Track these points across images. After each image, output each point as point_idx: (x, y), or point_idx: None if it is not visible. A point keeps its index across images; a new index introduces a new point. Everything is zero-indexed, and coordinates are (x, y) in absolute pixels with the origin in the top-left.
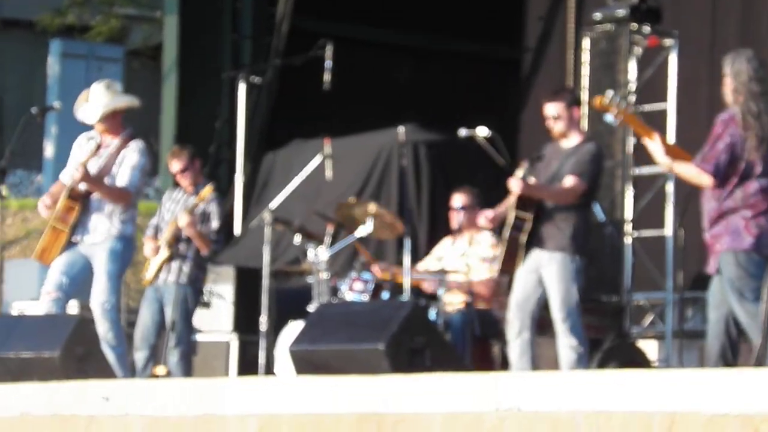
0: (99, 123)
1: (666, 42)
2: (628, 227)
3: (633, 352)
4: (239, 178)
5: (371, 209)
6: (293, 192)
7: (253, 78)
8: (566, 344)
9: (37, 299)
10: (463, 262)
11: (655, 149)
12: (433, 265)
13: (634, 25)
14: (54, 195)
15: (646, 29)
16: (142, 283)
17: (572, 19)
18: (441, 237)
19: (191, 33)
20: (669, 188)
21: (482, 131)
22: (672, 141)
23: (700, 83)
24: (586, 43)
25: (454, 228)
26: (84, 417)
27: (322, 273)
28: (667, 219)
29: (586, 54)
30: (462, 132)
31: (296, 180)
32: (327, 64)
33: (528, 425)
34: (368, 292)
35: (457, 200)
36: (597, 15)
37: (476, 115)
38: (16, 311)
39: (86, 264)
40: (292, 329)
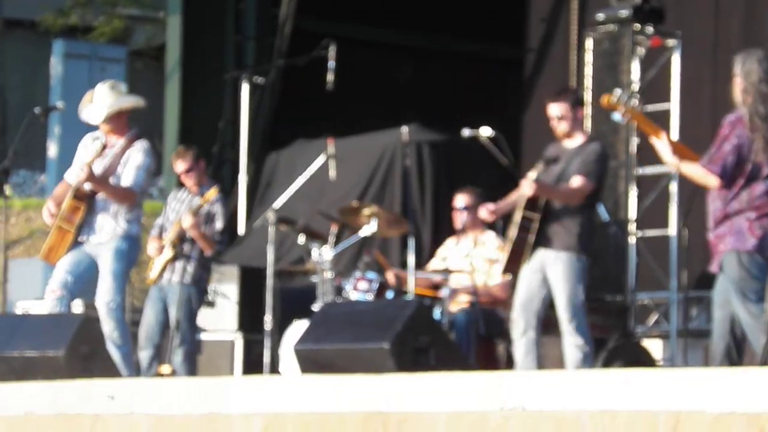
0: (104, 123)
1: (669, 42)
2: (632, 227)
3: (638, 352)
4: (242, 179)
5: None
6: (297, 192)
7: (256, 78)
8: (572, 343)
9: (42, 299)
10: (467, 263)
11: (663, 148)
12: (437, 266)
13: (637, 26)
14: (58, 198)
15: (649, 30)
16: (147, 283)
17: (575, 20)
18: (444, 237)
19: (194, 33)
20: (673, 188)
21: (485, 131)
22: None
23: (703, 83)
24: (589, 44)
25: (458, 228)
26: (89, 416)
27: (327, 272)
28: (671, 219)
29: (589, 54)
30: (465, 132)
31: (300, 180)
32: (330, 65)
33: (532, 424)
34: (373, 292)
35: (460, 200)
36: (600, 15)
37: (478, 115)
38: (21, 310)
39: (92, 263)
40: (297, 328)
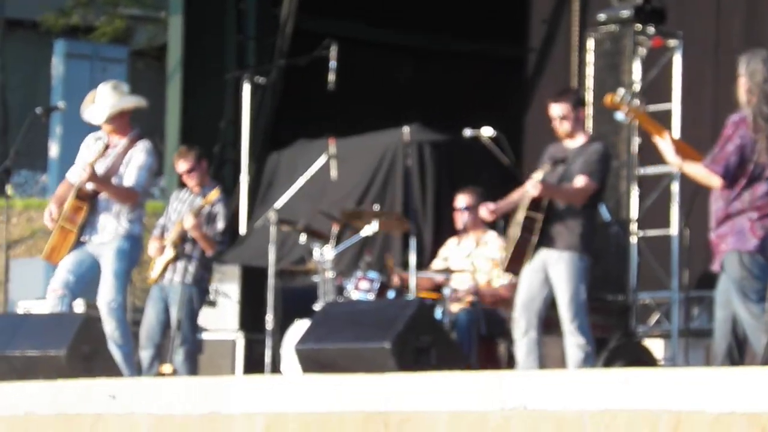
0: (106, 123)
1: (670, 43)
2: (634, 227)
3: (639, 351)
4: (244, 179)
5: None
6: (298, 192)
7: (258, 78)
8: (574, 343)
9: (43, 298)
10: (469, 263)
11: (665, 148)
12: (439, 266)
13: (639, 26)
14: (60, 198)
15: (651, 30)
16: (148, 282)
17: (576, 21)
18: (446, 237)
19: (195, 33)
20: (674, 188)
21: (487, 131)
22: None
23: (705, 84)
24: (591, 44)
25: (459, 228)
26: (90, 416)
27: (328, 272)
28: (673, 218)
29: (591, 55)
30: (467, 132)
31: (301, 180)
32: (331, 65)
33: (533, 424)
34: (374, 291)
35: (462, 201)
36: (601, 16)
37: (479, 115)
38: (22, 310)
39: (94, 263)
40: (298, 328)
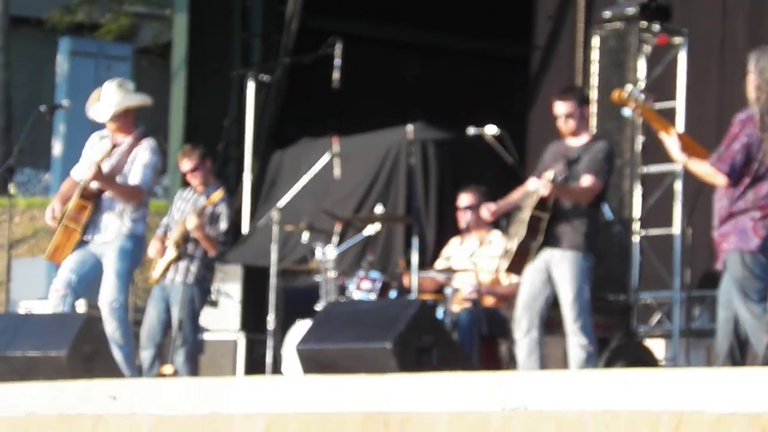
0: (111, 122)
1: (675, 40)
2: (636, 226)
3: (640, 351)
4: (247, 177)
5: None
6: (301, 190)
7: (262, 76)
8: (576, 343)
9: (45, 298)
10: (472, 262)
11: (672, 145)
12: (441, 266)
13: (644, 23)
14: (63, 196)
15: (656, 27)
16: (149, 282)
17: (581, 18)
18: (449, 235)
19: (200, 31)
20: (677, 187)
21: (491, 129)
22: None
23: (710, 81)
24: (596, 42)
25: (462, 227)
26: (91, 416)
27: (330, 272)
28: (675, 218)
29: (596, 52)
30: (470, 130)
31: (305, 178)
32: (336, 62)
33: (534, 424)
34: (376, 291)
35: (464, 200)
36: (606, 13)
37: (483, 113)
38: (24, 310)
39: (96, 262)
40: (300, 328)
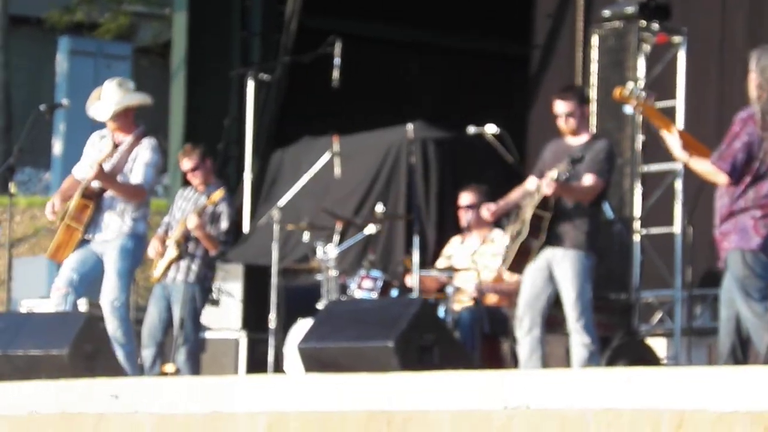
0: (111, 121)
1: (675, 39)
2: (637, 225)
3: (642, 350)
4: (248, 176)
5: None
6: (302, 189)
7: (262, 75)
8: (579, 342)
9: (46, 297)
10: (473, 261)
11: (673, 143)
12: (442, 265)
13: (643, 22)
14: (64, 193)
15: (655, 26)
16: (151, 281)
17: (581, 17)
18: (449, 234)
19: (200, 30)
20: (678, 185)
21: (491, 128)
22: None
23: (709, 80)
24: (595, 41)
25: (464, 226)
26: (92, 415)
27: (331, 270)
28: (676, 216)
29: (595, 51)
30: (471, 129)
31: (305, 177)
32: (336, 62)
33: (537, 423)
34: (377, 290)
35: (465, 198)
36: (606, 12)
37: (483, 112)
38: (25, 309)
39: (98, 261)
40: (301, 327)
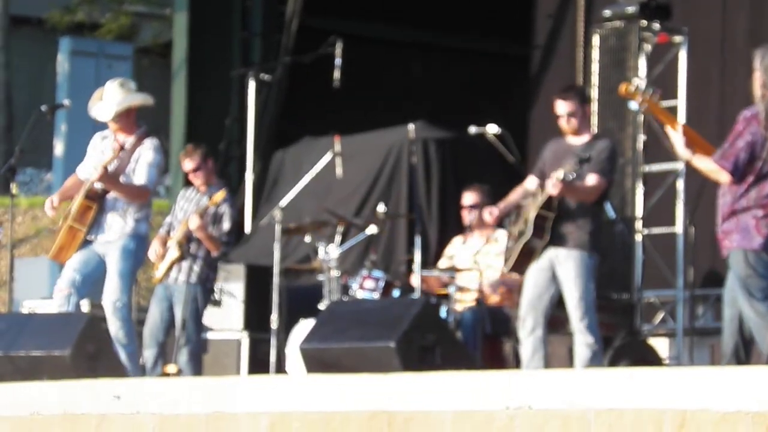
0: (113, 121)
1: (676, 39)
2: (639, 224)
3: (644, 350)
4: (249, 176)
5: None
6: (303, 190)
7: (263, 75)
8: (582, 342)
9: (48, 298)
10: (475, 260)
11: (677, 140)
12: (444, 265)
13: (644, 22)
14: (65, 192)
15: (656, 26)
16: (153, 282)
17: (582, 17)
18: (451, 234)
19: (201, 30)
20: (679, 185)
21: (492, 128)
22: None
23: (710, 80)
24: (596, 41)
25: (467, 226)
26: (95, 415)
27: (333, 271)
28: (678, 216)
29: (596, 51)
30: (472, 129)
31: (306, 177)
32: (337, 62)
33: (539, 423)
34: (379, 290)
35: (469, 198)
36: (606, 12)
37: (484, 112)
38: (27, 310)
39: (100, 262)
40: (303, 327)
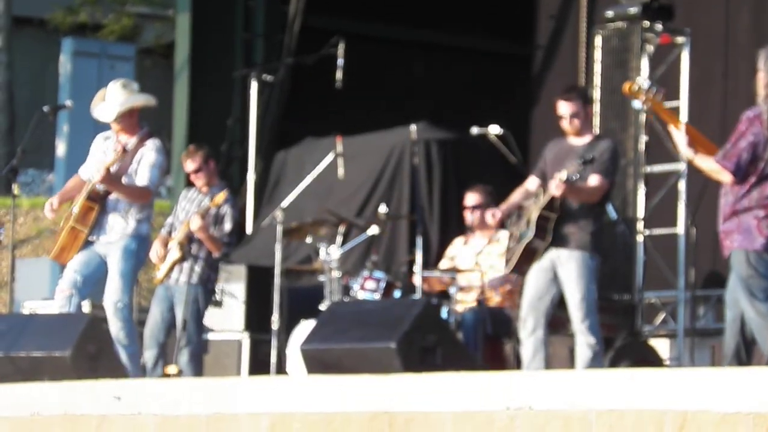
0: (115, 122)
1: (678, 40)
2: (640, 225)
3: (645, 351)
4: (251, 177)
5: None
6: (305, 190)
7: (265, 76)
8: (584, 342)
9: (49, 298)
10: (480, 260)
11: (680, 139)
12: (445, 266)
13: (646, 23)
14: (65, 193)
15: (658, 27)
16: (154, 282)
17: (584, 17)
18: (452, 235)
19: (203, 31)
20: (681, 186)
21: (494, 129)
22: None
23: (713, 81)
24: (598, 41)
25: (470, 226)
26: (95, 416)
27: (334, 272)
28: (679, 217)
29: (598, 52)
30: (474, 130)
31: (308, 178)
32: (339, 62)
33: (539, 424)
34: (380, 291)
35: (471, 199)
36: (609, 13)
37: (486, 112)
38: (27, 310)
39: (101, 263)
40: (304, 328)
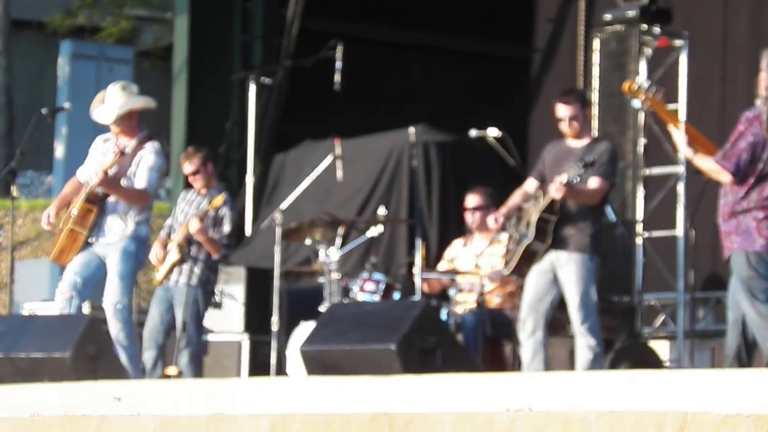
0: (114, 124)
1: (676, 43)
2: (639, 228)
3: (645, 353)
4: (250, 179)
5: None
6: (304, 193)
7: (264, 79)
8: (584, 344)
9: (48, 300)
10: (480, 262)
11: (679, 139)
12: (444, 267)
13: (644, 26)
14: (63, 200)
15: (657, 30)
16: (153, 284)
17: (582, 20)
18: (451, 237)
19: (201, 34)
20: (680, 188)
21: (493, 132)
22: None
23: (711, 84)
24: (596, 44)
25: (468, 228)
26: (95, 417)
27: (334, 273)
28: (678, 219)
29: (596, 55)
30: (472, 132)
31: (307, 180)
32: (337, 65)
33: (539, 425)
34: (379, 293)
35: (472, 200)
36: (607, 16)
37: (484, 115)
38: (27, 312)
39: (101, 264)
40: (304, 330)
